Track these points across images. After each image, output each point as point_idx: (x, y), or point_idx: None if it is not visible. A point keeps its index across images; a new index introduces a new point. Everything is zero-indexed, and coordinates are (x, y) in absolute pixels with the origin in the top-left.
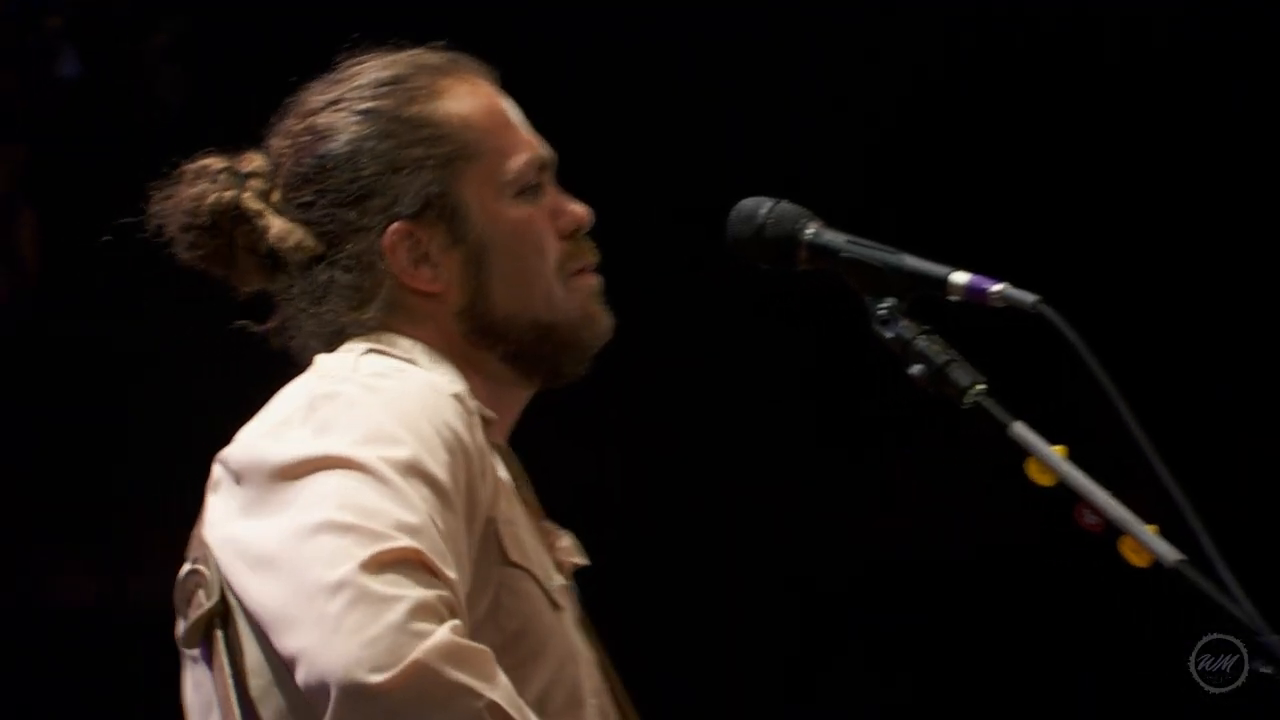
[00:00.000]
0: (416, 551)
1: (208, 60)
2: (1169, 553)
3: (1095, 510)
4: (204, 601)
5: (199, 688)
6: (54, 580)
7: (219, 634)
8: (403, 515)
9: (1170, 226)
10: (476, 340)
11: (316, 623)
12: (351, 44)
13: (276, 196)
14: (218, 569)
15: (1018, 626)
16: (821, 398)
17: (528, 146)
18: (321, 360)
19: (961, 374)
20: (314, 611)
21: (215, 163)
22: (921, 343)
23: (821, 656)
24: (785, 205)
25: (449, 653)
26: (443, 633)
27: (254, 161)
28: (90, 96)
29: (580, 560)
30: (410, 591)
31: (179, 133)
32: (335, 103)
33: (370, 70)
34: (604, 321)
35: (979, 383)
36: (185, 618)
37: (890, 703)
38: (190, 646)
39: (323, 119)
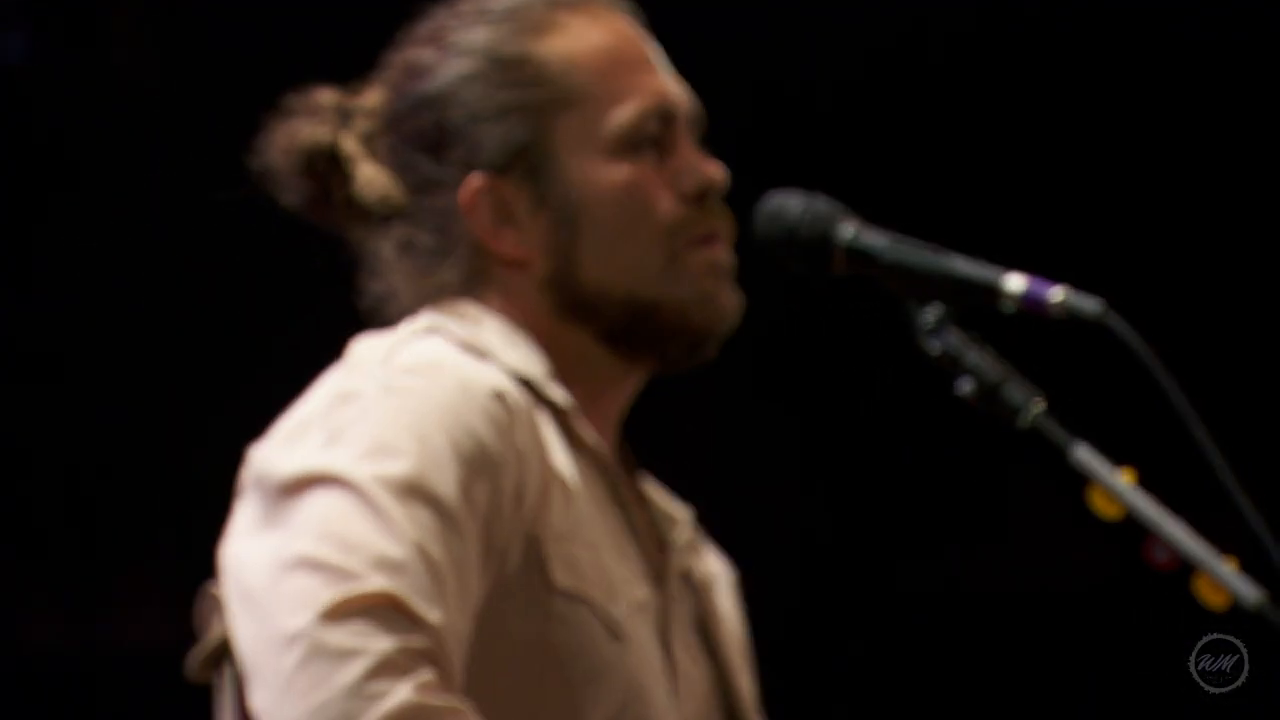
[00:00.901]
0: (388, 596)
1: (182, 36)
2: (1250, 592)
3: (1167, 545)
4: (215, 629)
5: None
6: (22, 623)
7: (227, 668)
8: (385, 548)
9: (1232, 224)
10: (564, 317)
11: (272, 680)
12: None
13: (380, 138)
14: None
15: (1079, 674)
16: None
17: (647, 93)
18: (357, 345)
19: (1016, 392)
20: (271, 666)
21: (326, 98)
22: (973, 356)
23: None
24: (819, 202)
25: (407, 716)
26: (402, 693)
27: (368, 98)
28: (41, 81)
29: (702, 562)
30: (374, 644)
31: (153, 118)
32: (434, 36)
33: (481, 3)
34: (724, 302)
35: (1036, 401)
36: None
37: None
38: (193, 675)
39: (420, 53)
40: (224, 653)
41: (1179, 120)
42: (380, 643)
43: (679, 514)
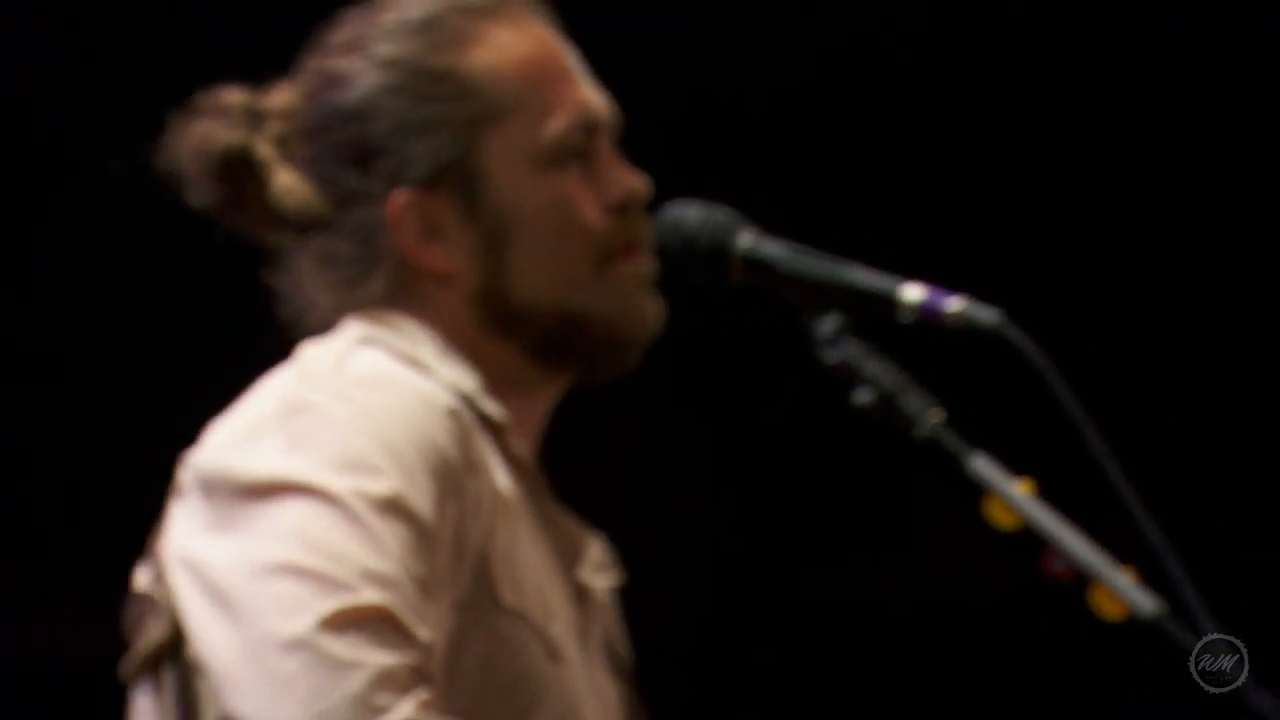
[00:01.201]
0: (385, 608)
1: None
2: (1147, 603)
3: (1064, 555)
4: (153, 631)
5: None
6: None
7: (169, 673)
8: (374, 563)
9: (1139, 232)
10: (492, 331)
11: (267, 684)
12: None
13: (293, 144)
14: (170, 592)
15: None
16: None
17: (572, 105)
18: (304, 353)
19: (914, 402)
20: (264, 670)
21: (234, 98)
22: (870, 366)
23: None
24: (718, 212)
25: None
26: (404, 709)
27: (278, 98)
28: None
29: (609, 580)
30: (373, 657)
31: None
32: (355, 43)
33: (402, 7)
34: (648, 312)
35: (934, 411)
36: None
37: None
38: (132, 678)
39: (338, 62)
40: (163, 654)
41: (1097, 131)
42: (379, 656)
43: (588, 530)
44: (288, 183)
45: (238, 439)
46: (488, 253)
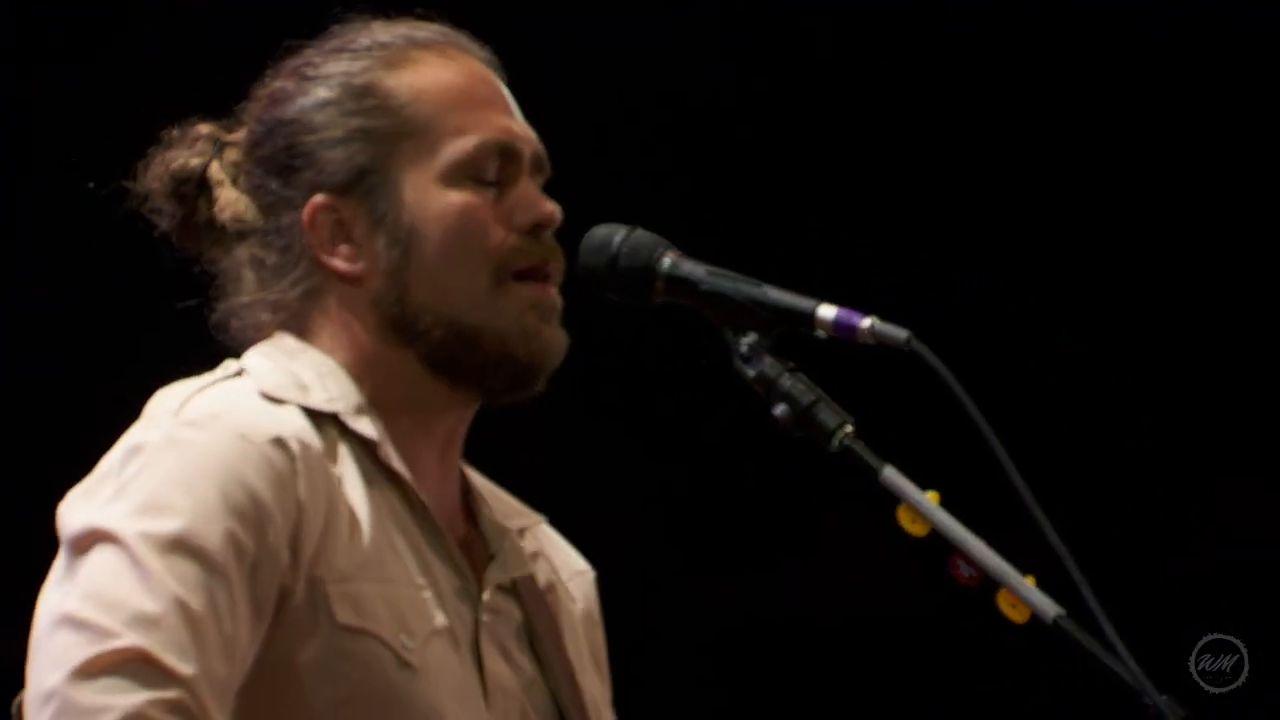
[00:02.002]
0: (141, 652)
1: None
2: (1048, 606)
3: (970, 561)
4: None
5: None
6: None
7: None
8: (143, 605)
9: (1054, 242)
10: (392, 338)
11: None
12: (346, 10)
13: (243, 164)
14: None
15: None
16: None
17: (489, 130)
18: (155, 396)
19: (829, 415)
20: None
21: (201, 129)
22: (786, 382)
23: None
24: (640, 233)
25: None
26: None
27: (240, 129)
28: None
29: (510, 574)
30: (121, 700)
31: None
32: (300, 67)
33: (347, 36)
34: (546, 339)
35: (847, 424)
36: None
37: None
38: None
39: (284, 84)
40: None
41: (1069, 135)
42: (128, 698)
43: (519, 523)
44: (228, 197)
45: (80, 490)
46: (391, 259)
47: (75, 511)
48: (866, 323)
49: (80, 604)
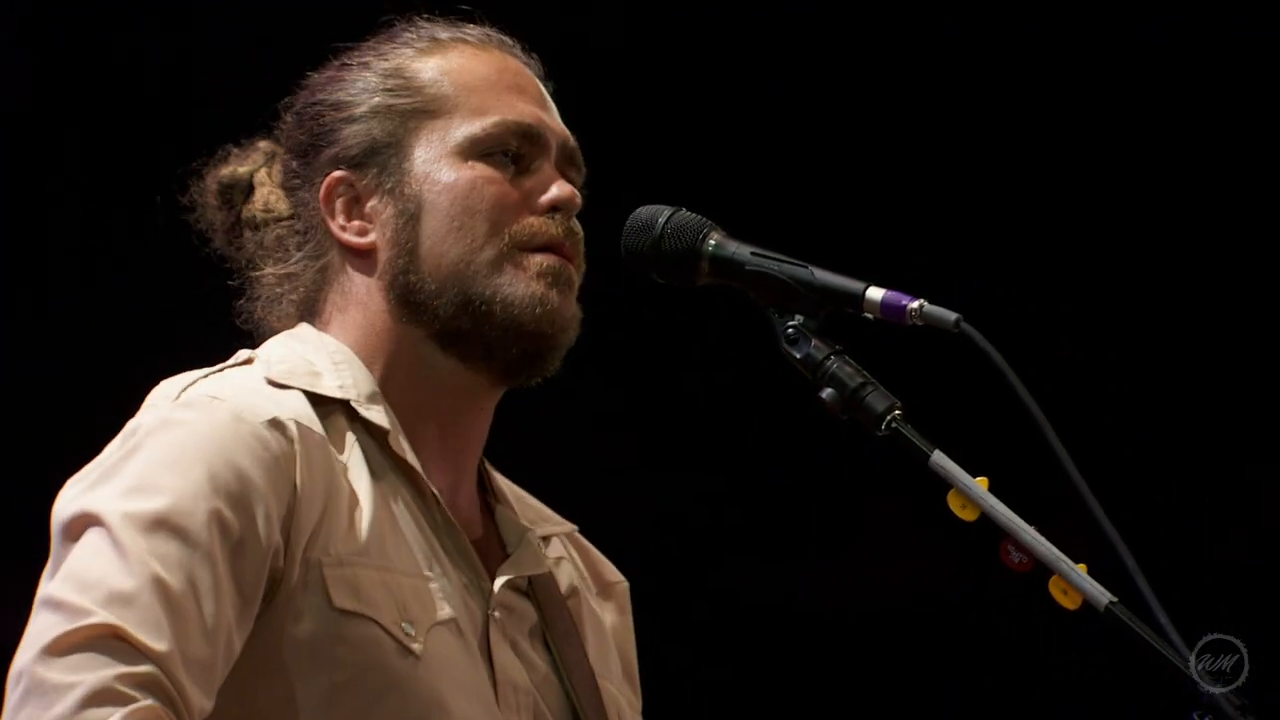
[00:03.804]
0: (111, 627)
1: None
2: (1100, 594)
3: (1021, 548)
4: None
5: None
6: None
7: None
8: (119, 583)
9: (1094, 233)
10: (402, 315)
11: (5, 715)
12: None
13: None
14: None
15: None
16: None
17: (512, 112)
18: (160, 385)
19: (877, 398)
20: (6, 701)
21: (261, 144)
22: (833, 364)
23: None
24: (684, 214)
25: None
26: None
27: None
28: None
29: (524, 572)
30: (88, 676)
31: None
32: (336, 63)
33: (389, 34)
34: (552, 304)
35: (895, 408)
36: None
37: None
38: None
39: (316, 77)
40: None
41: (1070, 137)
42: (96, 674)
43: (547, 529)
44: (264, 193)
45: (77, 478)
46: (401, 231)
47: (66, 500)
48: (915, 304)
49: (59, 585)
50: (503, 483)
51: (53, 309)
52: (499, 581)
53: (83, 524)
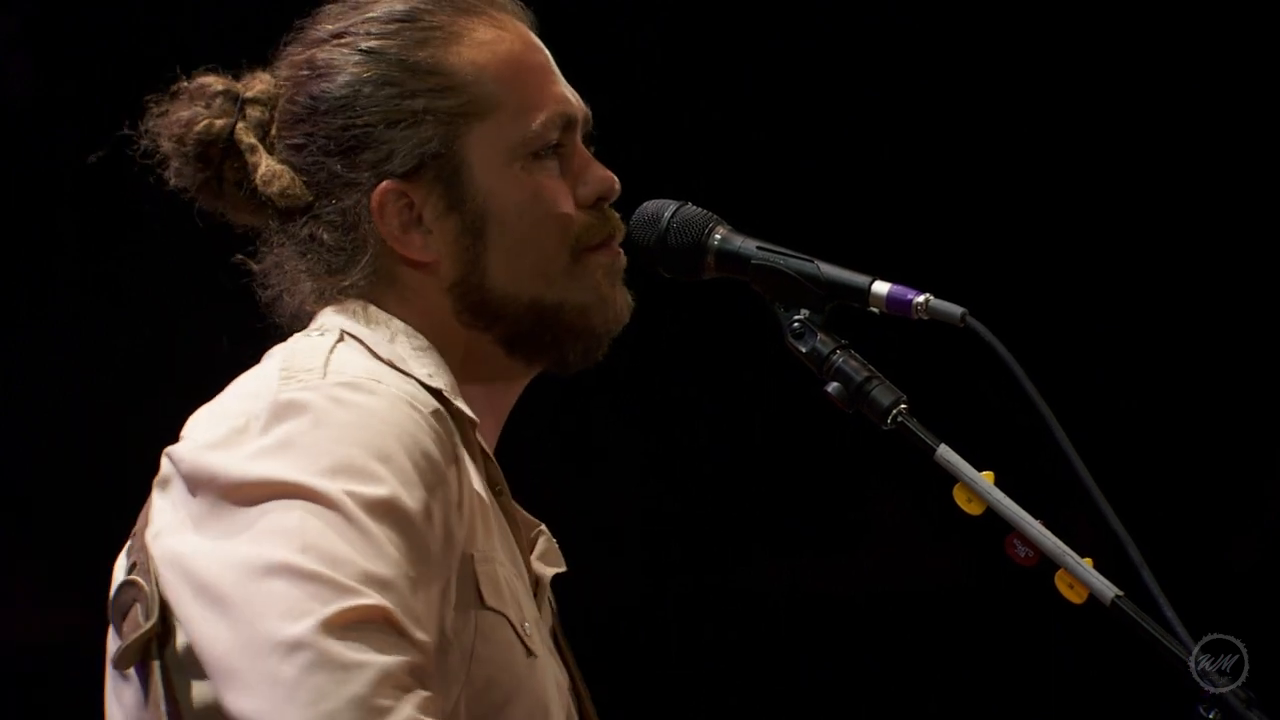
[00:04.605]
0: (385, 610)
1: (57, 49)
2: (1106, 588)
3: (1027, 542)
4: (141, 621)
5: (126, 710)
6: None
7: (155, 662)
8: (372, 566)
9: (1097, 230)
10: (469, 321)
11: (270, 685)
12: None
13: (275, 131)
14: (158, 584)
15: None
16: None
17: (551, 102)
18: (285, 350)
19: (883, 393)
20: (266, 671)
21: (214, 83)
22: (839, 358)
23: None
24: (690, 208)
25: None
26: (405, 709)
27: (257, 85)
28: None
29: (555, 569)
30: (375, 658)
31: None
32: (341, 35)
33: (386, 1)
34: (619, 304)
35: (901, 402)
36: (120, 634)
37: None
38: (123, 668)
39: (323, 53)
40: (151, 645)
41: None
42: (381, 658)
43: (533, 520)
44: (271, 168)
45: (223, 436)
46: (466, 244)
47: (224, 458)
48: (921, 298)
49: (299, 555)
50: None
51: (54, 309)
52: (546, 578)
53: (278, 491)
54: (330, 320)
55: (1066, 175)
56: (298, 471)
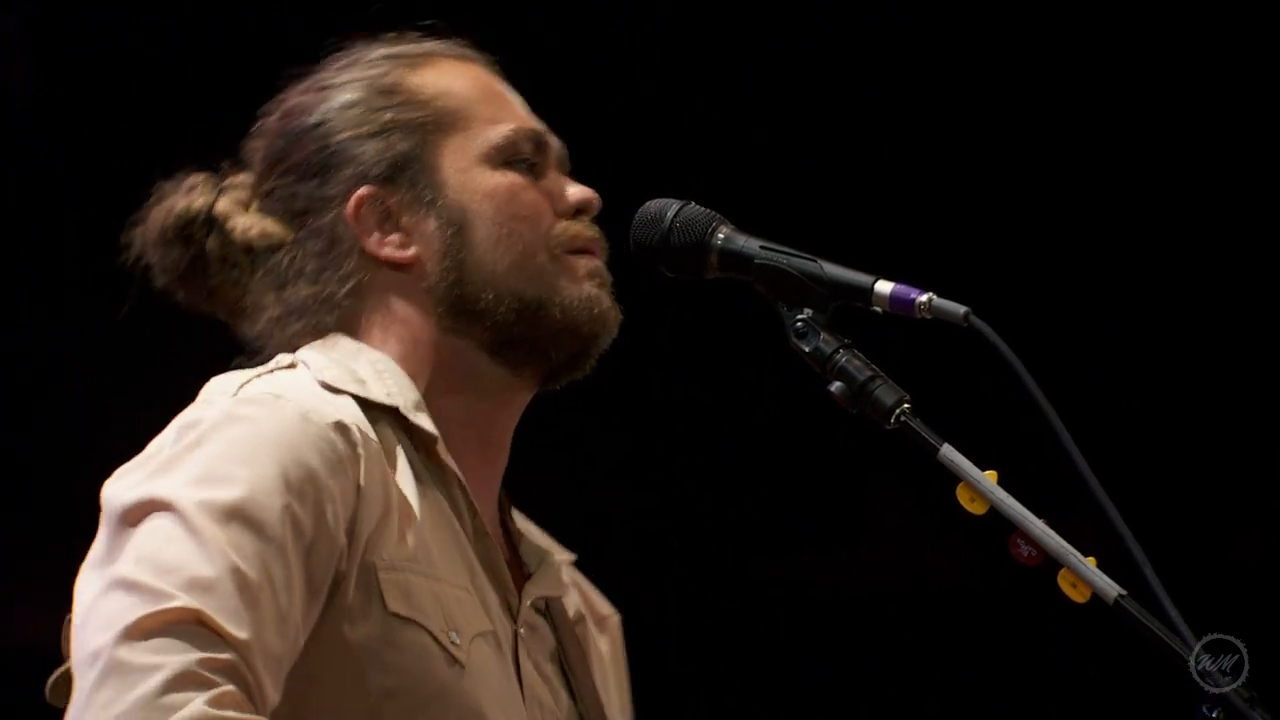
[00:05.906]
0: (194, 612)
1: (59, 49)
2: (1109, 587)
3: (1030, 541)
4: (66, 656)
5: None
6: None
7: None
8: (199, 570)
9: (1098, 229)
10: (451, 325)
11: (76, 696)
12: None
13: (252, 196)
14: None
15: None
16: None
17: (518, 119)
18: (210, 383)
19: (886, 392)
20: (79, 683)
21: (196, 177)
22: (842, 358)
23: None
24: (693, 208)
25: None
26: (196, 706)
27: (238, 175)
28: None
29: (550, 592)
30: (172, 659)
31: (23, 130)
32: (314, 83)
33: (354, 55)
34: (605, 307)
35: (904, 402)
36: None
37: None
38: (56, 703)
39: (296, 100)
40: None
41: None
42: (180, 657)
43: (553, 550)
44: (249, 220)
45: (129, 467)
46: (447, 241)
47: (125, 488)
48: (924, 298)
49: (133, 567)
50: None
51: (55, 309)
52: (528, 598)
53: (147, 509)
54: (283, 357)
55: (1068, 175)
56: (166, 486)
